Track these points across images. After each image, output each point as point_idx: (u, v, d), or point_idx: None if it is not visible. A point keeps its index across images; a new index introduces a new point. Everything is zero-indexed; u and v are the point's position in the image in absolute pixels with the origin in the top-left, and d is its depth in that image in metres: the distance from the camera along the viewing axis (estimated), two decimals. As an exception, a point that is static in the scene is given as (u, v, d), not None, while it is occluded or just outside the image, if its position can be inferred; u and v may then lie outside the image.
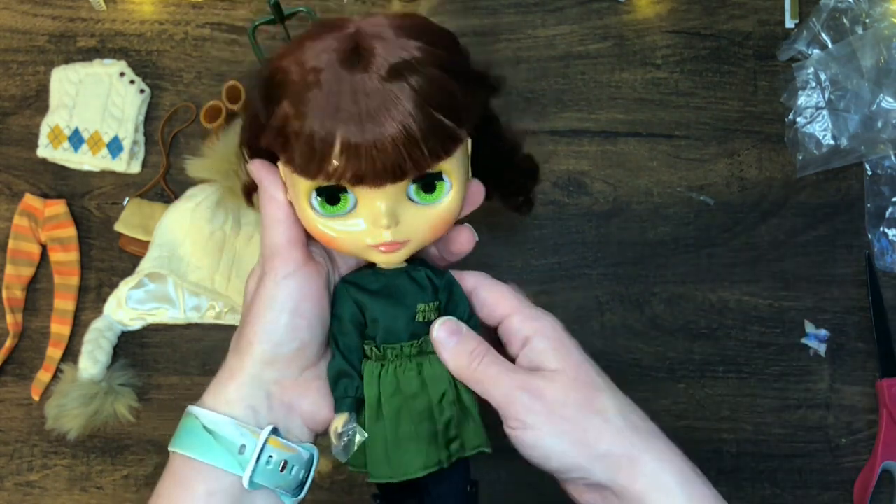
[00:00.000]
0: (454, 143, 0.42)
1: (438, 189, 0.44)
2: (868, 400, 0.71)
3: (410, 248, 0.45)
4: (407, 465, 0.45)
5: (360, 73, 0.40)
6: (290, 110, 0.41)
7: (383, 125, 0.39)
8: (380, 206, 0.43)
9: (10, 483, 0.71)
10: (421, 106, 0.40)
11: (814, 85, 0.74)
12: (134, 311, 0.71)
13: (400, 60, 0.40)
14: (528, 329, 0.47)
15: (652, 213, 0.74)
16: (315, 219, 0.44)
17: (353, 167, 0.40)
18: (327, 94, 0.40)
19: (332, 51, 0.41)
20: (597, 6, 0.76)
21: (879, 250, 0.73)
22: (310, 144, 0.40)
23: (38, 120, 0.74)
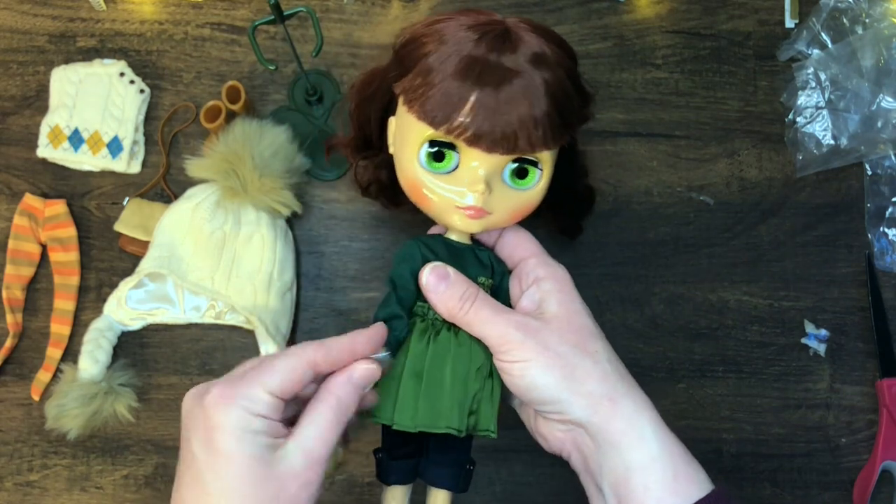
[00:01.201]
0: (561, 138, 0.48)
1: (530, 177, 0.49)
2: (868, 400, 0.71)
3: (489, 221, 0.49)
4: (432, 419, 0.47)
5: (508, 52, 0.45)
6: (436, 62, 0.45)
7: (516, 97, 0.45)
8: (481, 171, 0.47)
9: (10, 483, 0.71)
10: (550, 95, 0.46)
11: (814, 85, 0.74)
12: (134, 311, 0.71)
13: (541, 52, 0.46)
14: (542, 271, 0.50)
15: (652, 213, 0.74)
16: (418, 169, 0.48)
17: (477, 125, 0.45)
18: (475, 58, 0.45)
19: (485, 29, 0.46)
20: (597, 6, 0.76)
21: (879, 250, 0.73)
22: (446, 94, 0.45)
23: (38, 120, 0.74)
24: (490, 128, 0.45)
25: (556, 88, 0.46)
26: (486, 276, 0.51)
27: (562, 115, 0.47)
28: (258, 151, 0.67)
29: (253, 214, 0.69)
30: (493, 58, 0.45)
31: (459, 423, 0.47)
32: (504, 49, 0.46)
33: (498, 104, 0.45)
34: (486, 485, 0.70)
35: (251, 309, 0.68)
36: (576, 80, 0.49)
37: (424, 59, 0.46)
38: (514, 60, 0.45)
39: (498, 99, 0.45)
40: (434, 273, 0.48)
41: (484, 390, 0.48)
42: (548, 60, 0.46)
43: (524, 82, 0.45)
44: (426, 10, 0.76)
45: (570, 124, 0.48)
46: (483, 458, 0.71)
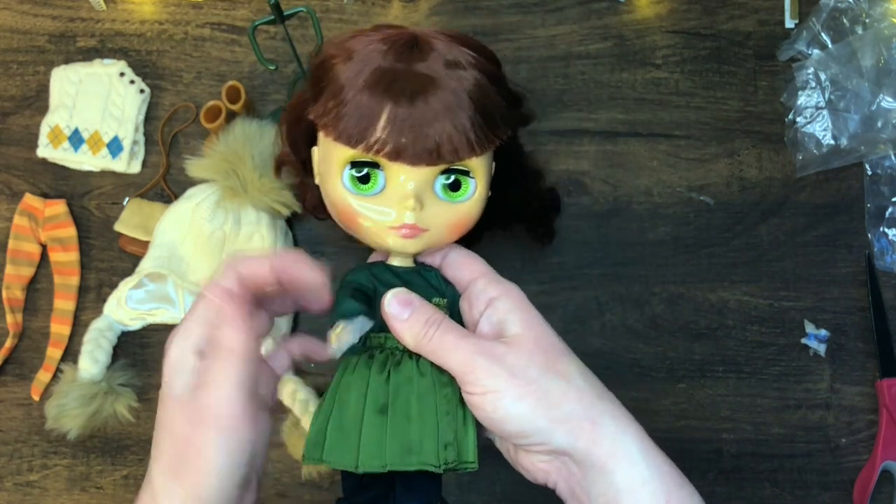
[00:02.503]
0: (488, 142, 0.45)
1: (464, 188, 0.46)
2: (868, 400, 0.71)
3: (427, 239, 0.46)
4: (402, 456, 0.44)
5: (417, 60, 0.44)
6: (345, 79, 0.44)
7: (430, 104, 0.42)
8: (409, 186, 0.44)
9: (10, 483, 0.71)
10: (469, 99, 0.44)
11: (814, 85, 0.74)
12: (134, 311, 0.71)
13: (455, 58, 0.44)
14: (494, 291, 0.46)
15: (652, 213, 0.74)
16: (345, 195, 0.45)
17: (395, 140, 0.43)
18: (384, 70, 0.43)
19: (393, 40, 0.44)
20: (597, 6, 0.76)
21: (879, 250, 0.73)
22: (358, 111, 0.43)
23: (38, 120, 0.74)
24: (410, 139, 0.43)
25: (475, 91, 0.44)
26: (439, 296, 0.48)
27: (485, 118, 0.44)
28: (258, 151, 0.67)
29: (253, 214, 0.69)
30: (403, 66, 0.43)
31: (435, 459, 0.44)
32: (413, 57, 0.44)
33: (414, 114, 0.42)
34: (487, 485, 0.70)
35: (251, 309, 0.68)
36: (499, 82, 0.47)
37: (334, 78, 0.44)
38: (427, 67, 0.43)
39: (414, 108, 0.42)
40: (397, 299, 0.45)
41: (457, 419, 0.45)
42: (462, 65, 0.44)
43: (439, 88, 0.43)
44: (426, 10, 0.76)
45: (496, 127, 0.46)
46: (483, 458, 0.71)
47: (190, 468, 0.42)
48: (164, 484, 0.42)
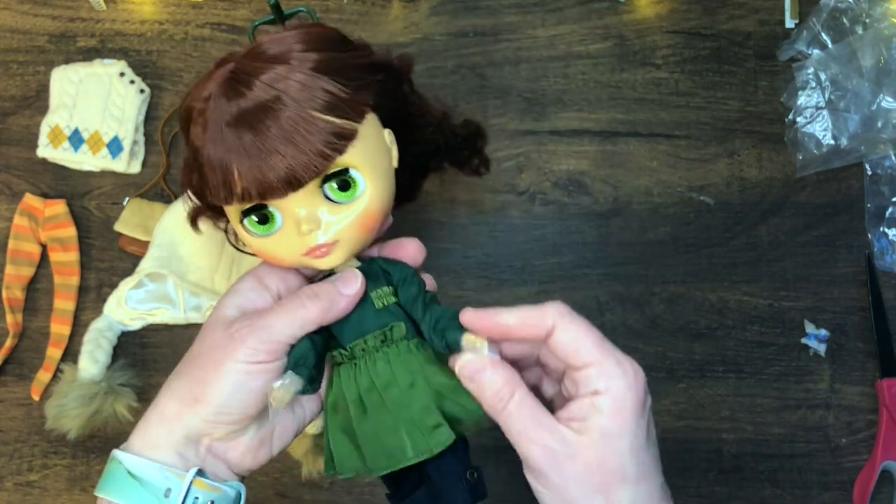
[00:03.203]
0: (343, 140, 0.43)
1: (353, 186, 0.44)
2: (868, 400, 0.71)
3: (344, 248, 0.45)
4: (400, 455, 0.44)
5: (236, 98, 0.42)
6: (197, 141, 0.44)
7: (265, 139, 0.41)
8: (299, 212, 0.44)
9: (10, 483, 0.71)
10: (297, 111, 0.42)
11: (814, 85, 0.74)
12: (134, 311, 0.71)
13: (273, 75, 0.42)
14: (602, 385, 0.43)
15: (652, 213, 0.74)
16: (253, 241, 0.45)
17: (254, 184, 0.42)
18: (215, 126, 0.42)
19: (217, 82, 0.43)
20: (597, 6, 0.76)
21: (879, 250, 0.73)
22: (214, 176, 0.43)
23: (38, 120, 0.74)
24: (267, 178, 0.42)
25: (305, 96, 0.42)
26: (379, 286, 0.47)
27: (331, 113, 0.42)
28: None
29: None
30: (227, 114, 0.42)
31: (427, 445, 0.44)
32: (236, 93, 0.42)
33: (258, 153, 0.41)
34: (486, 485, 0.70)
35: (251, 309, 0.68)
36: (333, 66, 0.44)
37: (188, 145, 0.45)
38: (246, 102, 0.42)
39: (254, 149, 0.41)
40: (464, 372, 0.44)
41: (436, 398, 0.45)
42: (282, 77, 0.42)
43: (264, 117, 0.42)
44: (426, 10, 0.76)
45: (349, 113, 0.43)
46: (483, 458, 0.71)
47: (207, 392, 0.44)
48: (178, 412, 0.44)
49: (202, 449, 0.45)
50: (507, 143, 0.74)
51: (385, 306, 0.47)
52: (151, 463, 0.43)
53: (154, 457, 0.44)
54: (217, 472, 0.46)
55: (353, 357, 0.46)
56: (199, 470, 0.44)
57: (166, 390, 0.46)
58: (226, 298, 0.47)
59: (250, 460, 0.47)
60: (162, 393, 0.46)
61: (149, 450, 0.44)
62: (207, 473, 0.45)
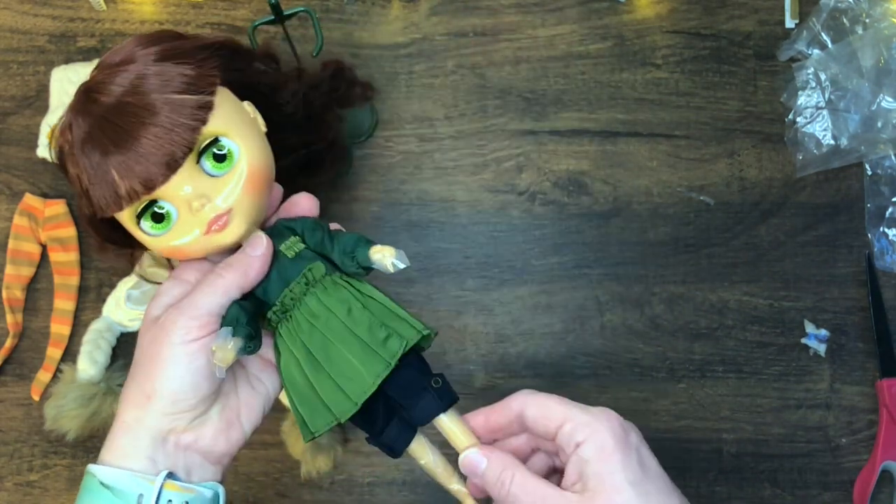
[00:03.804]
0: (202, 110, 0.45)
1: (229, 155, 0.46)
2: (868, 400, 0.71)
3: (240, 215, 0.46)
4: (360, 386, 0.45)
5: (94, 107, 0.45)
6: (73, 172, 0.45)
7: (131, 131, 0.44)
8: (187, 191, 0.45)
9: (10, 483, 0.71)
10: (150, 98, 0.44)
11: (814, 85, 0.74)
12: (133, 312, 0.71)
13: (118, 75, 0.45)
14: (581, 435, 0.45)
15: (652, 213, 0.74)
16: (154, 241, 0.47)
17: (137, 179, 0.44)
18: (83, 140, 0.44)
19: (72, 110, 0.46)
20: (597, 6, 0.76)
21: (879, 250, 0.73)
22: (98, 187, 0.44)
23: (38, 120, 0.74)
24: (143, 169, 0.44)
25: (153, 82, 0.45)
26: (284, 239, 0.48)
27: (182, 91, 0.45)
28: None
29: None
30: (89, 124, 0.44)
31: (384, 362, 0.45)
32: (91, 104, 0.45)
33: (125, 148, 0.44)
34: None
35: (251, 309, 0.67)
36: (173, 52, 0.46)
37: (67, 174, 0.46)
38: (101, 108, 0.44)
39: (121, 145, 0.44)
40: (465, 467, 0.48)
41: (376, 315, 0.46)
42: (127, 74, 0.45)
43: (122, 113, 0.44)
44: (426, 10, 0.76)
45: (199, 88, 0.46)
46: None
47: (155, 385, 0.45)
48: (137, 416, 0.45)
49: (171, 447, 0.45)
50: (507, 143, 0.75)
51: (297, 253, 0.48)
52: (121, 471, 0.44)
53: (125, 465, 0.44)
54: (192, 469, 0.46)
55: (286, 310, 0.47)
56: (169, 473, 0.44)
57: (122, 400, 0.47)
58: (152, 302, 0.48)
59: (223, 444, 0.47)
60: (120, 404, 0.47)
61: (119, 459, 0.45)
62: (183, 472, 0.45)
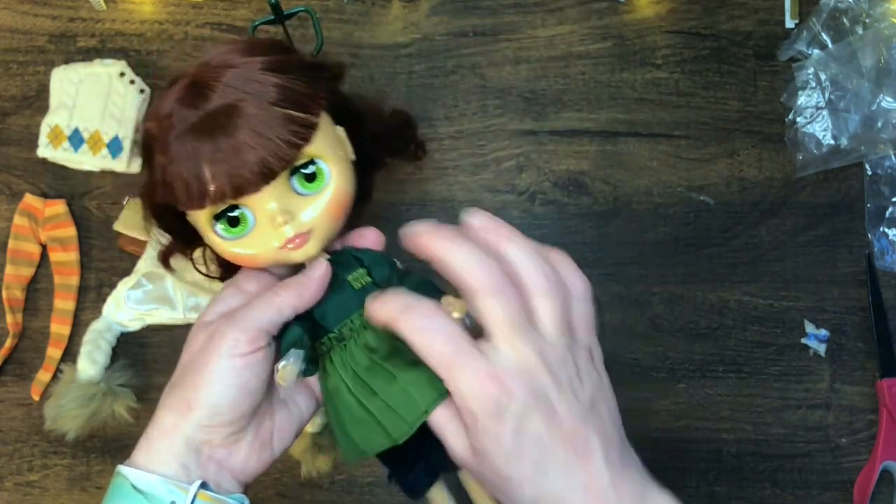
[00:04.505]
0: (307, 129, 0.45)
1: (320, 176, 0.47)
2: (868, 400, 0.71)
3: (318, 237, 0.47)
4: (414, 412, 0.45)
5: (202, 102, 0.44)
6: (162, 160, 0.45)
7: (235, 136, 0.43)
8: (272, 206, 0.45)
9: (10, 483, 0.71)
10: (261, 108, 0.44)
11: (814, 85, 0.74)
12: (133, 312, 0.71)
13: (233, 77, 0.45)
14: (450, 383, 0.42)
15: (652, 213, 0.74)
16: (225, 244, 0.47)
17: (229, 182, 0.44)
18: (183, 132, 0.44)
19: (176, 96, 0.45)
20: (597, 6, 0.76)
21: (879, 250, 0.73)
22: (186, 182, 0.44)
23: (38, 120, 0.74)
24: (238, 175, 0.43)
25: (267, 92, 0.44)
26: (354, 269, 0.48)
27: (292, 107, 0.45)
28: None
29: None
30: (194, 117, 0.44)
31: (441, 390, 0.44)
32: (199, 99, 0.44)
33: (228, 151, 0.43)
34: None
35: (251, 309, 0.67)
36: (287, 66, 0.46)
37: (153, 155, 0.46)
38: (211, 105, 0.44)
39: (223, 147, 0.43)
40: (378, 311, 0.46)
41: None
42: (243, 78, 0.45)
43: (231, 116, 0.44)
44: (426, 10, 0.76)
45: (308, 107, 0.45)
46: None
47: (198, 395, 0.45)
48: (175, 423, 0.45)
49: (204, 458, 0.46)
50: (507, 143, 0.75)
51: (363, 286, 0.48)
52: (156, 477, 0.44)
53: (158, 470, 0.44)
54: (221, 482, 0.46)
55: (342, 339, 0.47)
56: (203, 483, 0.45)
57: (163, 404, 0.47)
58: (208, 307, 0.48)
59: (254, 464, 0.47)
60: (159, 407, 0.47)
61: (152, 464, 0.45)
62: (213, 484, 0.46)
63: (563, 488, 0.41)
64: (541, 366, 0.41)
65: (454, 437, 0.43)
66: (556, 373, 0.41)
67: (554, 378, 0.41)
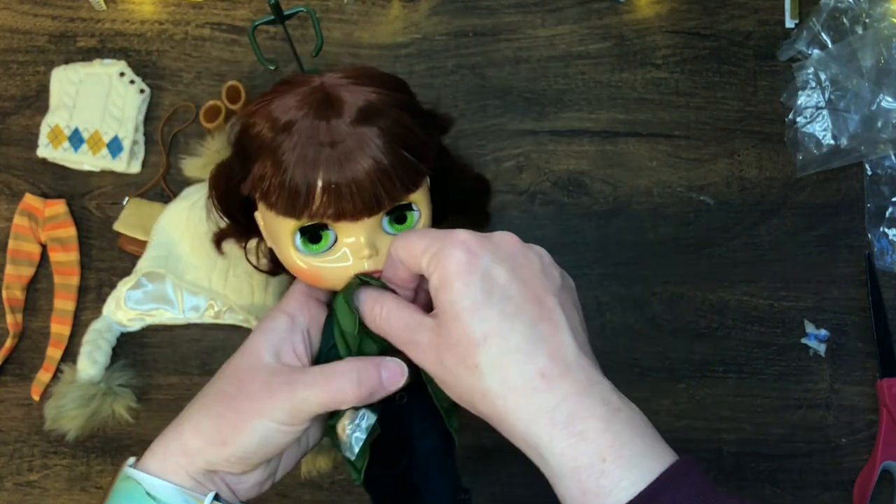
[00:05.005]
0: (420, 177, 0.46)
1: (409, 219, 0.47)
2: (868, 400, 0.71)
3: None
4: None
5: (333, 118, 0.44)
6: (271, 159, 0.44)
7: (359, 163, 0.43)
8: (361, 239, 0.46)
9: (10, 483, 0.71)
10: (389, 144, 0.44)
11: (814, 85, 0.74)
12: (133, 312, 0.71)
13: (366, 104, 0.44)
14: (431, 266, 0.43)
15: (652, 213, 0.74)
16: (299, 257, 0.47)
17: (335, 205, 0.44)
18: (305, 141, 0.43)
19: (304, 102, 0.44)
20: (597, 6, 0.76)
21: (879, 250, 0.73)
22: (293, 190, 0.44)
23: (38, 120, 0.74)
24: (348, 200, 0.44)
25: (396, 131, 0.45)
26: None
27: (412, 152, 0.45)
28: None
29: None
30: (322, 131, 0.44)
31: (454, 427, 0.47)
32: (332, 114, 0.44)
33: (346, 175, 0.44)
34: (486, 485, 0.70)
35: (249, 308, 0.68)
36: (412, 109, 0.47)
37: (262, 151, 0.45)
38: (342, 125, 0.44)
39: (344, 170, 0.43)
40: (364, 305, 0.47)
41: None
42: (376, 108, 0.45)
43: (360, 142, 0.44)
44: (426, 10, 0.76)
45: (423, 155, 0.46)
46: (483, 459, 0.71)
47: (237, 438, 0.44)
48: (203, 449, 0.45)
49: (216, 479, 0.46)
50: (507, 143, 0.74)
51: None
52: (170, 485, 0.44)
53: (172, 480, 0.44)
54: (228, 498, 0.47)
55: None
56: (216, 494, 0.45)
57: (192, 424, 0.46)
58: (260, 338, 0.47)
59: (256, 490, 0.48)
60: (185, 423, 0.46)
61: (167, 474, 0.45)
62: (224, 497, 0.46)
63: (528, 343, 0.41)
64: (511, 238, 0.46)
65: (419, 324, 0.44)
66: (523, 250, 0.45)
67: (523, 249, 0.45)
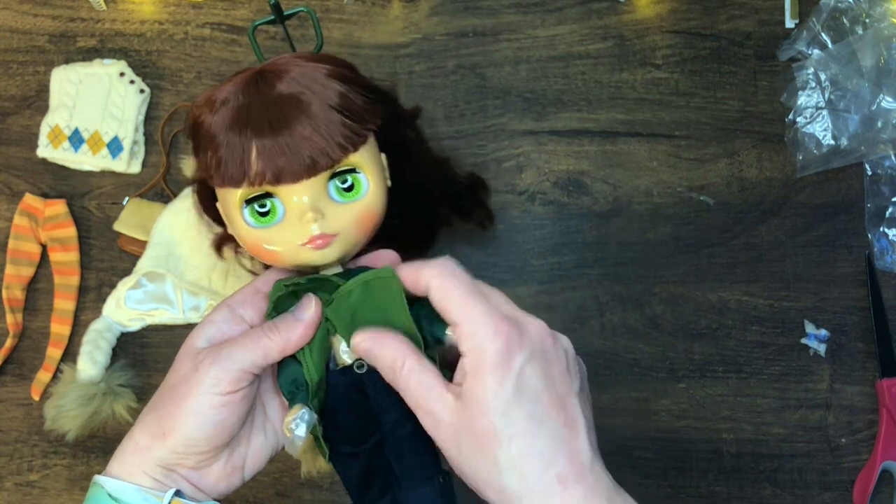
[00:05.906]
0: (358, 137, 0.47)
1: (357, 187, 0.48)
2: (868, 400, 0.71)
3: (341, 243, 0.47)
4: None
5: (265, 88, 0.46)
6: (211, 129, 0.46)
7: (291, 124, 0.45)
8: (304, 200, 0.46)
9: (10, 483, 0.71)
10: (322, 107, 0.46)
11: (814, 85, 0.74)
12: (133, 312, 0.71)
13: (299, 73, 0.46)
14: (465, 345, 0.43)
15: (652, 213, 0.74)
16: (250, 232, 0.47)
17: (271, 166, 0.45)
18: (238, 109, 0.45)
19: (239, 81, 0.47)
20: (597, 6, 0.76)
21: (879, 250, 0.73)
22: (230, 151, 0.45)
23: (38, 120, 0.74)
24: (284, 161, 0.45)
25: (330, 95, 0.46)
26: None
27: (349, 116, 0.46)
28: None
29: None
30: (255, 98, 0.46)
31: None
32: (264, 86, 0.46)
33: (280, 136, 0.45)
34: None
35: (251, 309, 0.67)
36: (353, 80, 0.48)
37: (203, 131, 0.46)
38: (275, 91, 0.46)
39: (277, 131, 0.45)
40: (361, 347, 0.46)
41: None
42: (312, 76, 0.46)
43: (292, 104, 0.45)
44: (426, 10, 0.76)
45: (364, 120, 0.47)
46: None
47: (174, 426, 0.45)
48: (149, 444, 0.46)
49: (177, 476, 0.46)
50: (507, 143, 0.75)
51: None
52: (130, 485, 0.45)
53: (132, 481, 0.45)
54: (195, 495, 0.47)
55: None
56: (176, 491, 0.45)
57: (140, 421, 0.47)
58: (198, 328, 0.48)
59: (224, 486, 0.48)
60: (137, 422, 0.47)
61: (128, 475, 0.45)
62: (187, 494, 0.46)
63: (551, 449, 0.41)
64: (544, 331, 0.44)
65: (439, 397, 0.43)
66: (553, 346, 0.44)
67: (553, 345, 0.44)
